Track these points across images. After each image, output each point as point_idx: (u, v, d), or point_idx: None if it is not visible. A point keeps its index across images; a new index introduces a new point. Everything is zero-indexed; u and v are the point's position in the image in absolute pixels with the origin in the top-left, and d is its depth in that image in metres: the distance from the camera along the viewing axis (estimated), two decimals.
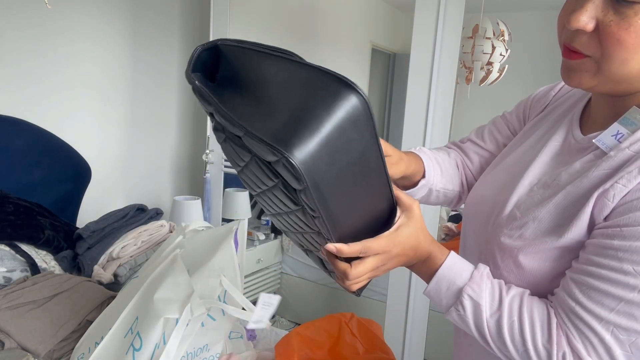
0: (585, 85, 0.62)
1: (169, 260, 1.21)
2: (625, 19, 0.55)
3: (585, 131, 0.70)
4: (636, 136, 0.61)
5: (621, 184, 0.58)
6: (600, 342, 0.59)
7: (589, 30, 0.58)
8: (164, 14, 2.58)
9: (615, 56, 0.57)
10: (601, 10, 0.57)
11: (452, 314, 0.67)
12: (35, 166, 1.94)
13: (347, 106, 0.49)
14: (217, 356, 1.21)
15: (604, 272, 0.58)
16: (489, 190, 0.78)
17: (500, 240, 0.69)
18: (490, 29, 3.03)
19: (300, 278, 2.91)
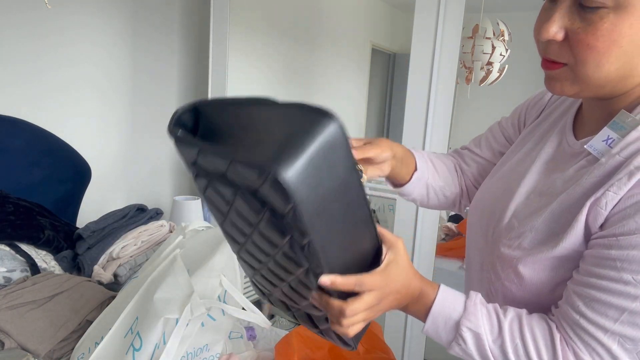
0: (568, 93, 0.63)
1: (169, 260, 1.21)
2: (591, 25, 0.56)
3: (579, 135, 0.70)
4: (626, 141, 0.60)
5: (612, 192, 0.58)
6: (608, 352, 0.58)
7: (559, 40, 0.60)
8: (164, 14, 2.58)
9: (588, 61, 0.58)
10: (568, 19, 0.58)
11: (455, 349, 0.67)
12: (35, 166, 1.94)
13: (326, 131, 0.51)
14: (217, 356, 1.21)
15: (605, 283, 0.58)
16: (488, 199, 0.78)
17: (500, 251, 0.69)
18: (490, 29, 3.03)
19: None
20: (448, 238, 2.94)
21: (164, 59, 2.63)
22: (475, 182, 0.93)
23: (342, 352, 1.18)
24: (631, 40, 0.56)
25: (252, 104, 0.56)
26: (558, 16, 0.59)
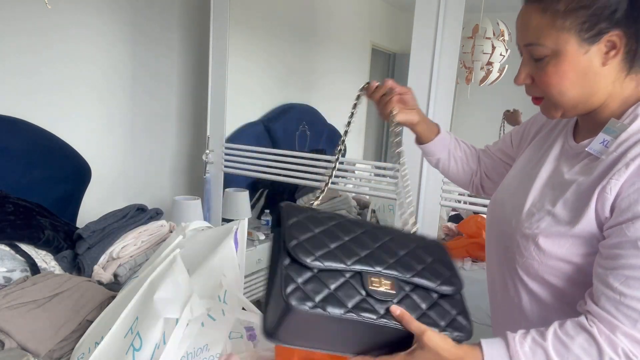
0: (557, 116, 0.81)
1: (169, 260, 1.21)
2: (542, 69, 0.77)
3: (577, 139, 0.85)
4: (618, 141, 0.75)
5: (614, 179, 0.71)
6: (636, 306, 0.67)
7: (529, 83, 0.81)
8: (164, 14, 2.58)
9: (552, 93, 0.78)
10: (530, 68, 0.80)
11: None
12: (35, 166, 1.95)
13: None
14: (217, 356, 1.21)
15: (632, 261, 0.68)
16: (507, 195, 0.93)
17: (523, 232, 0.81)
18: (490, 29, 3.03)
19: None
20: (448, 238, 2.94)
21: (164, 59, 2.63)
22: (487, 172, 1.11)
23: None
24: (574, 72, 0.76)
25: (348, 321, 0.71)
26: (523, 68, 0.81)
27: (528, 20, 0.78)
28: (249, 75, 2.96)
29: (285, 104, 3.30)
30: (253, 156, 2.52)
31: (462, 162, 1.10)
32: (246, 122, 2.96)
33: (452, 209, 3.13)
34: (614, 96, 0.78)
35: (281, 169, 2.43)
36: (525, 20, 0.78)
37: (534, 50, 0.77)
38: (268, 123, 3.06)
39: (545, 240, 0.78)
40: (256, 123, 3.02)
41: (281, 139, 3.08)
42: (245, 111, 2.99)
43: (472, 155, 1.12)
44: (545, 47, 0.76)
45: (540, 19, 0.76)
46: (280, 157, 2.44)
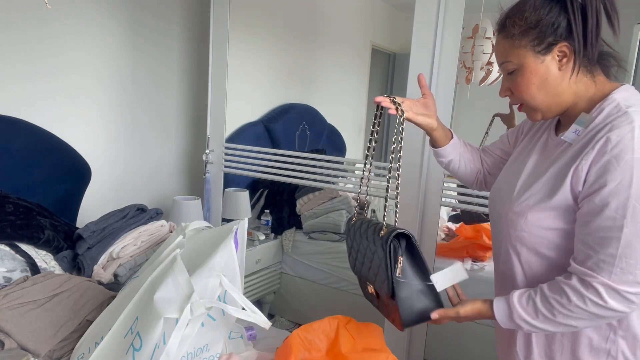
0: (538, 118, 1.03)
1: (169, 260, 1.21)
2: (514, 81, 1.00)
3: (559, 133, 1.05)
4: (587, 130, 0.94)
5: (585, 160, 0.90)
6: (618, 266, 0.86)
7: (509, 95, 1.03)
8: (164, 14, 2.58)
9: (525, 98, 1.00)
10: (508, 83, 1.02)
11: (526, 330, 0.97)
12: (35, 166, 1.95)
13: None
14: (217, 356, 1.21)
15: (603, 224, 0.87)
16: (502, 183, 1.13)
17: (514, 210, 1.01)
18: (490, 29, 3.02)
19: (300, 278, 2.91)
20: (448, 238, 2.93)
21: (164, 58, 2.63)
22: (489, 170, 1.29)
23: (341, 353, 1.18)
24: (537, 79, 0.97)
25: None
26: (503, 83, 1.03)
27: (498, 45, 1.01)
28: (249, 75, 2.96)
29: (285, 104, 3.30)
30: (253, 156, 2.52)
31: (469, 162, 1.27)
32: (246, 122, 2.96)
33: (452, 209, 3.13)
34: (580, 96, 0.98)
35: (281, 169, 2.43)
36: (497, 45, 1.02)
37: (506, 67, 1.00)
38: (268, 123, 3.06)
39: (532, 215, 0.98)
40: (256, 123, 3.02)
41: (281, 139, 3.08)
42: (245, 111, 2.99)
43: (476, 156, 1.29)
44: (512, 63, 0.98)
45: (505, 43, 0.99)
46: (280, 157, 2.44)
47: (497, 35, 1.02)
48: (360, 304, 2.74)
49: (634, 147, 0.85)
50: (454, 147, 1.23)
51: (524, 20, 0.96)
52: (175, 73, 2.71)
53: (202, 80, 2.79)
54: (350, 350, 1.18)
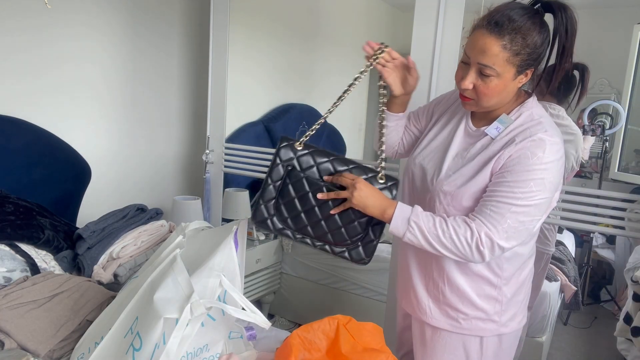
0: (473, 109, 1.20)
1: (169, 260, 1.21)
2: (486, 83, 1.12)
3: (475, 123, 1.25)
4: (507, 130, 1.16)
5: (506, 152, 1.12)
6: (503, 226, 1.09)
7: (470, 88, 1.14)
8: (164, 14, 2.58)
9: (483, 100, 1.14)
10: (475, 78, 1.13)
11: (408, 236, 1.15)
12: (35, 166, 1.95)
13: None
14: (217, 356, 1.21)
15: (504, 194, 1.10)
16: (426, 162, 1.29)
17: (442, 189, 1.20)
18: None
19: (300, 278, 2.91)
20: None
21: (164, 59, 2.63)
22: (407, 144, 1.45)
23: (341, 353, 1.18)
24: (504, 89, 1.12)
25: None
26: (470, 76, 1.13)
27: (489, 47, 1.08)
28: (249, 75, 2.96)
29: (285, 104, 3.29)
30: (253, 156, 2.52)
31: (398, 133, 1.41)
32: (246, 122, 2.96)
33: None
34: (508, 100, 1.18)
35: None
36: (486, 45, 1.08)
37: (485, 70, 1.10)
38: (268, 123, 3.06)
39: (458, 192, 1.17)
40: (256, 123, 3.02)
41: None
42: (245, 111, 2.99)
43: (401, 129, 1.43)
44: (494, 71, 1.09)
45: (500, 51, 1.07)
46: None
47: (492, 36, 1.07)
48: (361, 304, 2.74)
49: (545, 148, 1.09)
50: (401, 120, 1.38)
51: (526, 43, 1.07)
52: (175, 73, 2.71)
53: (202, 80, 2.79)
54: (350, 350, 1.18)
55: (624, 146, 3.43)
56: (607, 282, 3.51)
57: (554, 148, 1.09)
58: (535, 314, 2.37)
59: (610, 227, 1.78)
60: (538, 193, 1.08)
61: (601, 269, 3.62)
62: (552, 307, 2.42)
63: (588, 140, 3.11)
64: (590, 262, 3.31)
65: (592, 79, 3.79)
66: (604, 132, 3.35)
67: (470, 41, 1.12)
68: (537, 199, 1.09)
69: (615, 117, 3.57)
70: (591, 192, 1.76)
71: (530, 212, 1.10)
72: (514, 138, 1.12)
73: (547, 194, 1.10)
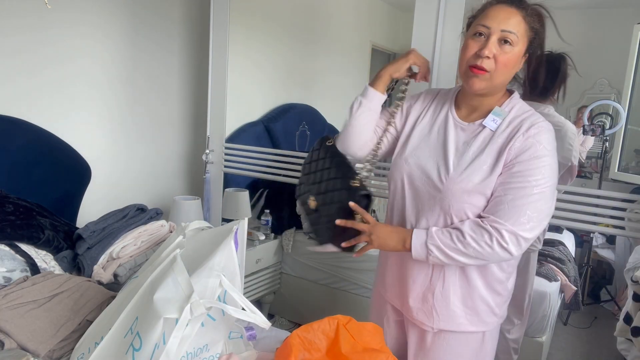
0: (482, 88, 1.16)
1: (169, 260, 1.21)
2: (505, 52, 1.14)
3: (461, 117, 1.25)
4: (507, 120, 1.18)
5: (516, 143, 1.14)
6: (524, 218, 1.10)
7: (491, 57, 1.13)
8: (164, 14, 2.58)
9: (500, 71, 1.14)
10: (495, 48, 1.13)
11: (431, 259, 1.18)
12: (35, 166, 1.94)
13: None
14: (217, 356, 1.21)
15: (517, 187, 1.12)
16: (426, 162, 1.24)
17: (459, 186, 1.17)
18: None
19: (300, 278, 2.91)
20: None
21: (164, 59, 2.63)
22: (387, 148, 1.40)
23: (341, 353, 1.18)
24: (515, 62, 1.16)
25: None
26: (492, 46, 1.13)
27: (512, 16, 1.13)
28: (249, 75, 2.96)
29: (285, 104, 3.29)
30: (253, 156, 2.52)
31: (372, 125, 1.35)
32: (246, 122, 2.96)
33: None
34: (498, 95, 1.22)
35: (281, 169, 2.43)
36: (508, 15, 1.13)
37: (509, 36, 1.13)
38: (268, 123, 3.06)
39: (476, 187, 1.15)
40: (256, 123, 3.02)
41: (281, 139, 3.08)
42: (245, 111, 2.99)
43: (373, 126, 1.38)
44: (516, 37, 1.13)
45: (521, 21, 1.14)
46: (280, 157, 2.44)
47: (507, 6, 1.14)
48: (361, 304, 2.74)
49: (547, 135, 1.15)
50: (381, 100, 1.34)
51: (539, 23, 1.17)
52: (175, 73, 2.71)
53: (202, 80, 2.79)
54: (350, 350, 1.18)
55: (624, 146, 3.43)
56: (607, 282, 3.51)
57: (552, 135, 1.16)
58: (535, 314, 2.37)
59: (610, 227, 1.78)
60: (549, 179, 1.12)
61: (601, 269, 3.62)
62: (552, 307, 2.42)
63: (588, 141, 3.10)
64: (590, 262, 3.31)
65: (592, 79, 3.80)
66: (604, 132, 3.35)
67: (489, 14, 1.14)
68: (549, 184, 1.12)
69: (615, 117, 3.57)
70: (591, 192, 1.76)
71: (546, 198, 1.12)
72: (518, 128, 1.15)
73: (555, 179, 1.14)
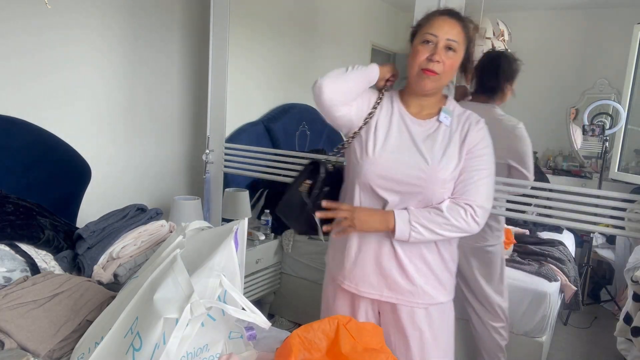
0: (432, 88, 1.37)
1: (169, 260, 1.21)
2: (450, 57, 1.34)
3: (413, 114, 1.42)
4: (455, 117, 1.41)
5: (469, 137, 1.37)
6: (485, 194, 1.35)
7: (441, 62, 1.32)
8: (164, 15, 2.58)
9: (447, 74, 1.36)
10: (443, 55, 1.33)
11: (414, 236, 1.32)
12: (35, 166, 1.95)
13: None
14: (217, 356, 1.21)
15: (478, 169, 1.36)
16: (397, 155, 1.37)
17: (437, 176, 1.33)
18: (490, 29, 3.03)
19: (300, 278, 2.91)
20: None
21: (165, 58, 2.63)
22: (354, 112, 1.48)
23: (341, 353, 1.18)
24: (456, 67, 1.39)
25: None
26: (440, 52, 1.32)
27: (454, 27, 1.33)
28: (249, 75, 2.96)
29: (285, 104, 3.29)
30: (253, 156, 2.52)
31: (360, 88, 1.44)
32: (246, 122, 2.96)
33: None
34: (439, 98, 1.44)
35: (281, 169, 2.43)
36: (451, 26, 1.33)
37: (453, 44, 1.33)
38: (268, 123, 3.06)
39: (451, 174, 1.34)
40: (256, 123, 3.02)
41: (281, 139, 3.08)
42: (245, 111, 2.99)
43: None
44: (458, 45, 1.34)
45: (460, 32, 1.35)
46: (280, 157, 2.44)
47: (449, 18, 1.34)
48: None
49: (486, 128, 1.41)
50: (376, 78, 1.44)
51: (472, 34, 1.40)
52: (175, 73, 2.71)
53: (202, 80, 2.79)
54: (350, 350, 1.18)
55: (624, 146, 3.43)
56: (607, 282, 3.51)
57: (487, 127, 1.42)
58: (535, 314, 2.37)
59: (610, 227, 1.78)
60: (492, 162, 1.40)
61: (601, 269, 3.62)
62: (552, 307, 2.42)
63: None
64: (590, 262, 3.31)
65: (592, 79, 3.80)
66: (604, 132, 3.36)
67: (435, 24, 1.33)
68: (492, 166, 1.40)
69: (615, 117, 3.57)
70: (591, 192, 1.76)
71: (492, 176, 1.39)
72: (469, 124, 1.39)
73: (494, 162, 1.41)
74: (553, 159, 3.97)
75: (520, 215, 1.89)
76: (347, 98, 1.41)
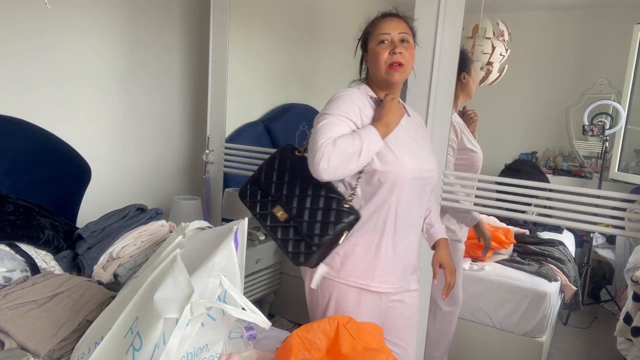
0: (402, 79, 1.46)
1: (169, 260, 1.21)
2: (407, 48, 1.43)
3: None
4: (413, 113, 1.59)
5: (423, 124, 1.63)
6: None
7: (403, 53, 1.41)
8: (164, 13, 2.58)
9: (410, 63, 1.45)
10: (402, 47, 1.42)
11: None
12: (35, 166, 1.95)
13: None
14: (217, 356, 1.21)
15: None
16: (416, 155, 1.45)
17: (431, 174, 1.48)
18: (490, 29, 3.03)
19: (300, 278, 2.89)
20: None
21: (164, 58, 2.63)
22: None
23: (341, 353, 1.18)
24: (413, 57, 1.47)
25: None
26: (399, 44, 1.42)
27: (400, 23, 1.46)
28: (249, 75, 2.96)
29: (285, 104, 3.29)
30: (253, 156, 2.52)
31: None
32: (246, 122, 2.96)
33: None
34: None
35: None
36: (398, 23, 1.45)
37: (405, 36, 1.44)
38: (268, 123, 3.06)
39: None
40: (256, 123, 3.02)
41: (281, 139, 3.08)
42: (245, 111, 2.98)
43: None
44: (411, 36, 1.46)
45: (406, 26, 1.47)
46: None
47: (393, 17, 1.47)
48: None
49: None
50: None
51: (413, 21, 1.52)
52: (175, 73, 2.71)
53: (202, 80, 2.79)
54: (350, 350, 1.18)
55: (624, 146, 3.43)
56: (607, 282, 3.52)
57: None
58: (535, 314, 2.38)
59: (610, 227, 1.78)
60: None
61: (601, 269, 3.62)
62: (552, 307, 2.42)
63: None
64: (590, 262, 3.31)
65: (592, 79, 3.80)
66: (604, 132, 3.35)
67: (383, 25, 1.44)
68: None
69: (615, 117, 3.57)
70: (591, 192, 1.76)
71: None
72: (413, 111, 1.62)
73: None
74: (553, 159, 3.97)
75: (520, 215, 1.89)
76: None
